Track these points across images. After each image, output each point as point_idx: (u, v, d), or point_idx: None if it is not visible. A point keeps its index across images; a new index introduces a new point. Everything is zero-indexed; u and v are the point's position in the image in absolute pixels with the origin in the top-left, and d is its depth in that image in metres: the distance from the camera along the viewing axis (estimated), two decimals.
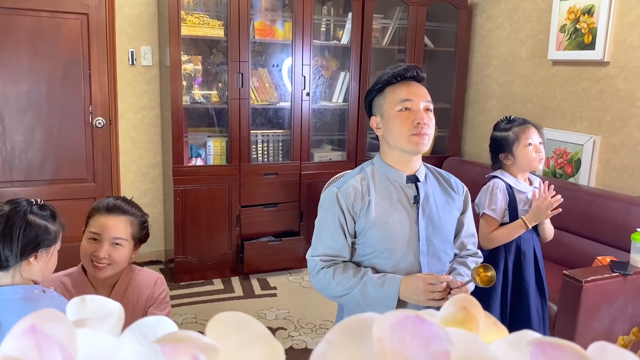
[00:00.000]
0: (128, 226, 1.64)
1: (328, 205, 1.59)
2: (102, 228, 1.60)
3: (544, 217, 2.09)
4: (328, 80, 4.04)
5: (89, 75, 3.60)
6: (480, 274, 1.46)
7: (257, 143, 3.76)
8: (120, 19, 3.63)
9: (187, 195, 3.54)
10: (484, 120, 4.16)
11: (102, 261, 1.59)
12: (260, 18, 3.67)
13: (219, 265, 3.70)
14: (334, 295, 1.58)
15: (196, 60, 3.66)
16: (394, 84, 1.58)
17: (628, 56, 3.06)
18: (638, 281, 2.53)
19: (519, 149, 2.13)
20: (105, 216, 1.62)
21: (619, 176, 3.14)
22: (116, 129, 3.74)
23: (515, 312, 2.16)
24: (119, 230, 1.61)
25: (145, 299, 1.69)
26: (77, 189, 3.68)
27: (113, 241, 1.60)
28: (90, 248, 1.60)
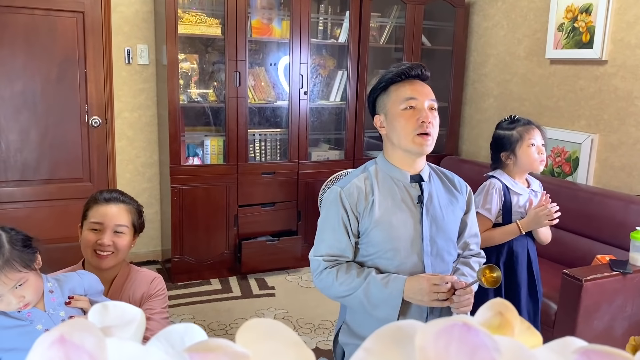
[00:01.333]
0: (127, 213, 1.66)
1: (331, 204, 1.58)
2: (104, 217, 1.62)
3: (539, 225, 2.07)
4: (325, 79, 4.03)
5: (84, 74, 3.57)
6: (486, 274, 1.45)
7: (255, 142, 3.75)
8: (116, 17, 3.60)
9: (184, 194, 3.52)
10: (481, 119, 4.16)
11: (107, 249, 1.60)
12: (257, 16, 3.65)
13: (216, 265, 3.69)
14: (337, 296, 1.57)
15: (193, 59, 3.64)
16: (398, 82, 1.56)
17: (626, 55, 3.06)
18: (637, 280, 2.54)
19: (522, 148, 2.12)
20: (105, 205, 1.64)
21: (616, 175, 3.15)
22: (112, 128, 3.71)
23: None
24: (120, 218, 1.64)
25: (140, 296, 1.68)
26: (73, 188, 3.65)
27: (115, 229, 1.62)
28: (93, 238, 1.61)
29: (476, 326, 0.28)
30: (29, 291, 1.31)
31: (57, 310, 1.38)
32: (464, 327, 0.29)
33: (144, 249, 3.88)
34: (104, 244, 1.59)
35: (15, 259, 1.28)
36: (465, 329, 0.29)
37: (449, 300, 1.46)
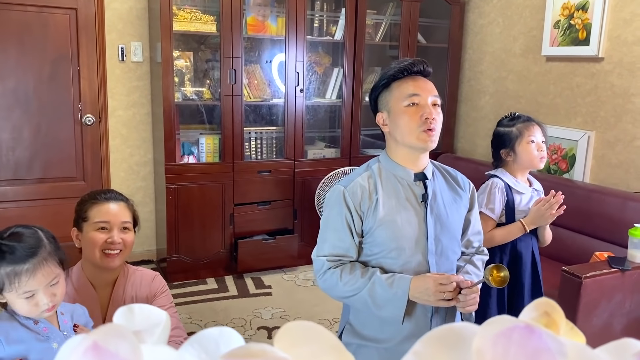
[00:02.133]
0: (128, 210, 1.66)
1: (334, 203, 1.56)
2: (110, 215, 1.60)
3: (543, 221, 2.04)
4: (321, 76, 4.00)
5: (77, 72, 3.53)
6: (493, 274, 1.43)
7: (251, 140, 3.72)
8: (109, 14, 3.56)
9: (179, 193, 3.48)
10: (477, 116, 4.15)
11: (117, 247, 1.59)
12: (252, 13, 3.63)
13: (212, 264, 3.66)
14: (341, 296, 1.55)
15: (187, 57, 3.60)
16: (400, 78, 1.54)
17: (622, 52, 3.06)
18: (636, 276, 2.54)
19: (521, 145, 2.10)
20: (107, 204, 1.62)
21: (613, 172, 3.15)
22: (106, 127, 3.67)
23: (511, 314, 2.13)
24: (124, 215, 1.63)
25: (145, 297, 1.65)
26: (66, 187, 3.61)
27: (122, 226, 1.62)
28: (102, 237, 1.59)
29: (540, 328, 0.27)
30: (59, 290, 1.32)
31: (69, 333, 1.36)
32: (525, 330, 0.27)
33: (139, 248, 3.84)
34: (115, 242, 1.58)
35: (53, 254, 1.30)
36: (527, 332, 0.27)
37: (455, 300, 1.45)
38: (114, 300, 1.64)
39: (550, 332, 0.27)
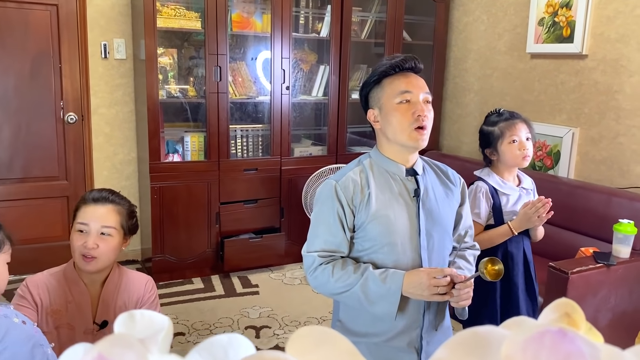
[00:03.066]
0: (116, 214, 1.59)
1: (326, 198, 1.54)
2: (89, 217, 1.55)
3: (530, 224, 2.02)
4: (307, 73, 3.98)
5: (59, 69, 3.46)
6: (487, 267, 1.43)
7: (237, 138, 3.69)
8: (91, 11, 3.50)
9: (164, 192, 3.44)
10: (462, 113, 4.17)
11: (91, 252, 1.53)
12: (237, 10, 3.59)
13: (198, 264, 3.62)
14: (332, 293, 1.53)
15: (171, 54, 3.55)
16: (392, 75, 1.53)
17: (606, 49, 3.09)
18: (620, 271, 2.57)
19: (503, 145, 2.09)
20: (93, 206, 1.57)
21: (597, 168, 3.18)
22: (89, 125, 3.61)
23: (505, 315, 2.11)
24: (106, 219, 1.57)
25: (135, 300, 1.62)
26: (48, 187, 3.54)
27: (101, 230, 1.56)
28: (79, 240, 1.54)
29: (573, 332, 0.25)
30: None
31: None
32: (558, 334, 0.26)
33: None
34: (88, 247, 1.53)
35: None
36: (559, 336, 0.26)
37: (449, 294, 1.44)
38: (104, 299, 1.61)
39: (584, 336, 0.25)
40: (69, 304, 1.57)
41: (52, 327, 1.55)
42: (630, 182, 2.99)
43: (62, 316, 1.56)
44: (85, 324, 1.58)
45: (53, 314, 1.55)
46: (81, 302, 1.58)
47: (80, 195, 3.57)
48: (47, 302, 1.55)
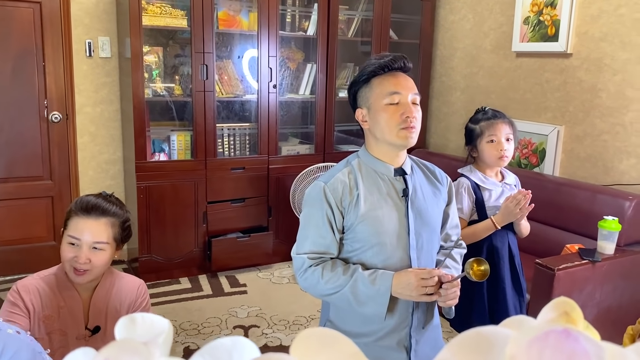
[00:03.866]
0: (108, 228, 1.54)
1: (314, 200, 1.54)
2: (81, 232, 1.50)
3: (512, 217, 2.04)
4: (294, 72, 3.97)
5: (43, 67, 3.42)
6: (473, 268, 1.44)
7: (223, 137, 3.67)
8: (75, 8, 3.45)
9: (150, 191, 3.42)
10: (448, 112, 4.19)
11: (83, 267, 1.50)
12: (223, 8, 3.57)
13: (185, 264, 3.60)
14: (322, 294, 1.53)
15: (157, 52, 3.52)
16: (381, 75, 1.53)
17: (590, 48, 3.13)
18: (605, 268, 2.60)
19: (482, 143, 2.11)
20: (84, 219, 1.51)
21: (582, 165, 3.22)
22: (73, 124, 3.57)
23: (493, 310, 2.13)
24: (98, 235, 1.51)
25: (128, 305, 1.60)
26: (32, 187, 3.49)
27: (93, 245, 1.51)
28: (70, 252, 1.51)
29: (577, 332, 0.26)
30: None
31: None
32: (562, 334, 0.26)
33: None
34: (79, 262, 1.49)
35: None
36: (564, 335, 0.26)
37: (436, 294, 1.45)
38: (95, 305, 1.58)
39: (589, 335, 0.26)
40: (61, 309, 1.54)
41: (44, 333, 1.51)
42: (614, 179, 3.03)
43: (54, 322, 1.52)
44: (78, 330, 1.56)
45: (45, 320, 1.52)
46: (73, 308, 1.55)
47: (65, 195, 3.56)
48: (39, 307, 1.52)
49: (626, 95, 2.96)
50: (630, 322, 2.75)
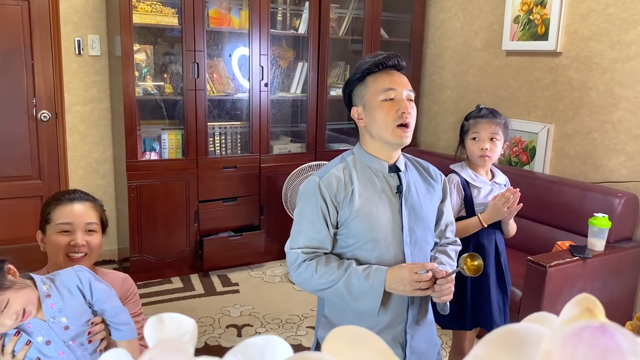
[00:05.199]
0: (95, 211, 1.56)
1: (309, 195, 1.54)
2: (73, 216, 1.50)
3: (500, 215, 2.04)
4: (285, 70, 3.97)
5: (31, 66, 3.38)
6: (467, 263, 1.45)
7: (215, 135, 3.66)
8: (64, 6, 3.42)
9: (141, 191, 3.39)
10: (439, 110, 4.21)
11: (81, 249, 1.49)
12: (214, 6, 3.56)
13: (177, 263, 3.58)
14: (316, 289, 1.54)
15: (147, 50, 3.50)
16: (375, 73, 1.54)
17: (579, 47, 3.16)
18: (595, 264, 2.63)
19: (467, 140, 2.13)
20: (71, 204, 1.52)
21: (572, 163, 3.25)
22: (63, 123, 3.54)
23: (476, 307, 2.14)
24: (89, 216, 1.53)
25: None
26: (21, 187, 3.46)
27: (86, 227, 1.52)
28: (65, 240, 1.49)
29: (614, 327, 0.26)
30: (16, 308, 1.21)
31: (57, 317, 1.27)
32: (598, 329, 0.26)
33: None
34: (78, 244, 1.48)
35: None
36: (599, 331, 0.26)
37: (431, 290, 1.46)
38: None
39: (626, 331, 0.26)
40: None
41: None
42: (604, 176, 3.07)
43: None
44: None
45: None
46: None
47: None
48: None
49: (615, 94, 2.99)
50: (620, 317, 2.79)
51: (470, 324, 2.12)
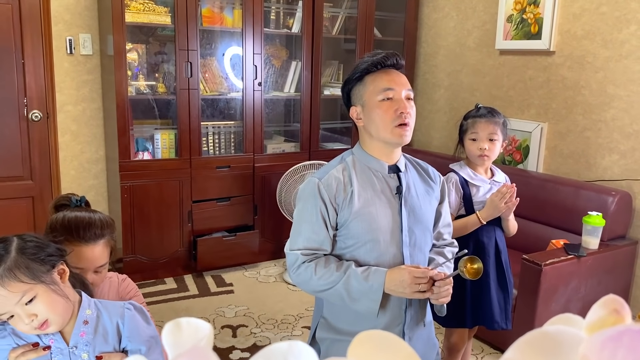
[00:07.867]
0: (107, 248, 1.49)
1: (308, 196, 1.53)
2: (84, 261, 1.44)
3: (497, 212, 2.05)
4: (279, 69, 3.96)
5: (22, 65, 3.34)
6: (467, 266, 1.45)
7: (208, 135, 3.64)
8: (55, 5, 3.38)
9: (134, 191, 3.37)
10: (432, 109, 4.21)
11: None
12: (207, 5, 3.54)
13: (170, 264, 3.56)
14: (315, 290, 1.53)
15: (140, 49, 3.47)
16: (374, 72, 1.53)
17: (572, 46, 3.17)
18: (590, 262, 2.65)
19: (466, 140, 2.14)
20: (85, 247, 1.43)
21: (565, 162, 3.26)
22: (54, 123, 3.50)
23: (477, 306, 2.14)
24: (101, 259, 1.47)
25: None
26: (12, 187, 3.42)
27: (95, 270, 1.47)
28: None
29: None
30: (40, 308, 1.13)
31: (80, 348, 1.21)
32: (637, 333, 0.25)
33: None
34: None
35: (20, 267, 1.11)
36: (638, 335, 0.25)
37: (429, 292, 1.46)
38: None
39: None
40: None
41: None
42: (597, 175, 3.08)
43: None
44: None
45: None
46: None
47: (46, 195, 3.49)
48: None
49: (608, 93, 3.01)
50: None
51: (470, 321, 2.12)
